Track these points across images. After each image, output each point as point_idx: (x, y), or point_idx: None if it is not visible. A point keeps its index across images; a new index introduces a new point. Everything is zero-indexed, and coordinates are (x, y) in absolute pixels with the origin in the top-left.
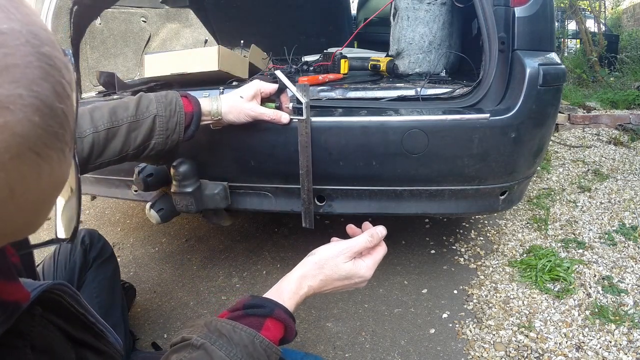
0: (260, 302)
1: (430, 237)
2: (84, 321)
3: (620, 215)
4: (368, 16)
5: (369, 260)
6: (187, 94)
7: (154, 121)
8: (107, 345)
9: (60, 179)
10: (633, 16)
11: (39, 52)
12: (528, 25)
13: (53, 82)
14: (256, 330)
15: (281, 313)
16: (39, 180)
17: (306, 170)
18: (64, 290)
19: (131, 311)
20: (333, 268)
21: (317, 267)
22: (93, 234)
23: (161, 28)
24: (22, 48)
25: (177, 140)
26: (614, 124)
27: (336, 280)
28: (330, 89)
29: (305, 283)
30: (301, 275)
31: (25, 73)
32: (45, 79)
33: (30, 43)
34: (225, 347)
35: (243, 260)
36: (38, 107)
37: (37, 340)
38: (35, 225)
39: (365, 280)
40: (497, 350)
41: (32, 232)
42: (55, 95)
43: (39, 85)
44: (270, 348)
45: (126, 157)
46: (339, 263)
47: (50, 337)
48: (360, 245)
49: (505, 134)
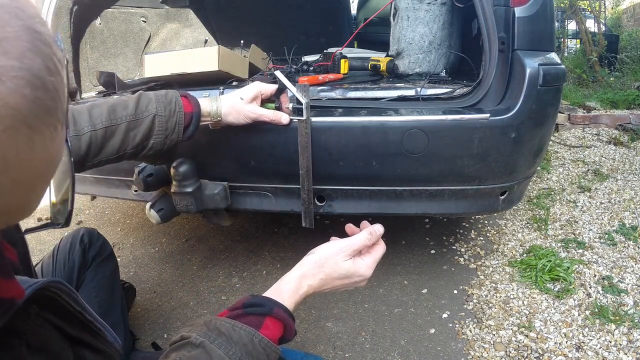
0: (260, 301)
1: (430, 237)
2: (81, 319)
3: (620, 215)
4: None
5: (368, 259)
6: (187, 94)
7: (153, 121)
8: (105, 344)
9: (53, 156)
10: (633, 16)
11: (28, 27)
12: (528, 25)
13: (43, 56)
14: (255, 328)
15: (280, 312)
16: (32, 154)
17: (306, 170)
18: (59, 287)
19: (131, 311)
20: (333, 267)
21: (317, 266)
22: (92, 233)
23: (161, 28)
24: (11, 21)
25: (176, 140)
26: (614, 124)
27: (336, 279)
28: (330, 89)
29: (305, 282)
30: (301, 275)
31: (15, 45)
32: (35, 52)
33: (19, 17)
34: (224, 346)
35: (243, 260)
36: (29, 80)
37: (33, 338)
38: (30, 206)
39: (365, 279)
40: (497, 350)
41: (27, 214)
42: (46, 69)
43: (29, 59)
44: (269, 347)
45: (124, 156)
46: (339, 261)
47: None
48: (359, 243)
49: (505, 134)
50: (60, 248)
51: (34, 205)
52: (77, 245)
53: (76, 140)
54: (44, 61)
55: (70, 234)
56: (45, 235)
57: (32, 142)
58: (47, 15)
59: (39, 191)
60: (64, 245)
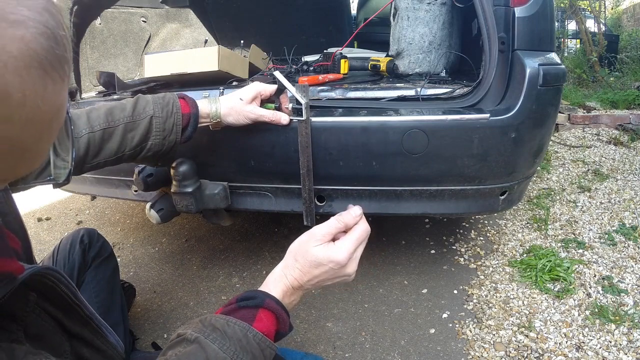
0: (252, 294)
1: (430, 237)
2: (80, 314)
3: (620, 215)
4: (368, 16)
5: (344, 242)
6: (185, 96)
7: (150, 122)
8: (105, 344)
9: (60, 104)
10: (633, 16)
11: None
12: (528, 25)
13: (55, 15)
14: (249, 322)
15: (272, 303)
16: (45, 95)
17: (307, 170)
18: (58, 277)
19: (131, 311)
20: (304, 254)
21: (292, 256)
22: (92, 233)
23: (161, 28)
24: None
25: (175, 141)
26: (614, 124)
27: (312, 267)
28: (330, 89)
29: (287, 272)
30: (283, 266)
31: (34, 3)
32: (47, 10)
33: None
34: (218, 341)
35: (243, 260)
36: (45, 31)
37: (31, 327)
38: (37, 154)
39: (343, 266)
40: (497, 350)
41: (32, 165)
42: (57, 24)
43: (45, 15)
44: (264, 342)
45: (123, 158)
46: (309, 248)
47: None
48: (327, 228)
49: (505, 134)
50: (60, 248)
51: (40, 157)
52: (77, 245)
53: (75, 142)
54: (55, 19)
55: (70, 235)
56: (45, 235)
57: (45, 84)
58: None
59: (45, 140)
60: (64, 245)
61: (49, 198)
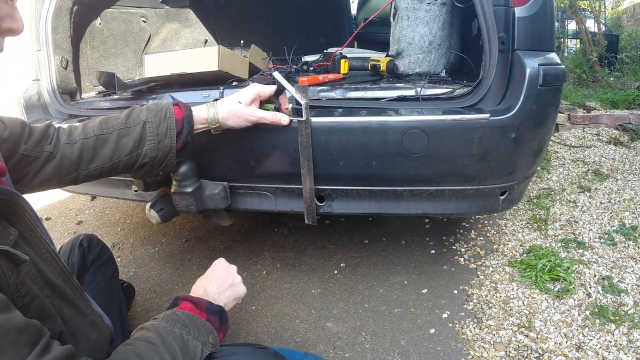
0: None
1: (430, 237)
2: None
3: (620, 215)
4: (368, 16)
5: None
6: (179, 102)
7: (143, 127)
8: (89, 310)
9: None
10: (633, 16)
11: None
12: (528, 25)
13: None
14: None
15: (183, 295)
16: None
17: (307, 169)
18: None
19: (131, 311)
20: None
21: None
22: (92, 238)
23: (161, 28)
24: None
25: (170, 146)
26: (614, 124)
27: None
28: (330, 89)
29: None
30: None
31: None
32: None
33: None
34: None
35: (243, 260)
36: None
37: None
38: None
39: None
40: (497, 350)
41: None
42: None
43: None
44: (190, 317)
45: (119, 165)
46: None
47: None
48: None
49: (505, 134)
50: (60, 254)
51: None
52: (77, 249)
53: (69, 147)
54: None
55: (70, 241)
56: None
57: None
58: (47, 15)
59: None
60: (64, 251)
61: (49, 198)
